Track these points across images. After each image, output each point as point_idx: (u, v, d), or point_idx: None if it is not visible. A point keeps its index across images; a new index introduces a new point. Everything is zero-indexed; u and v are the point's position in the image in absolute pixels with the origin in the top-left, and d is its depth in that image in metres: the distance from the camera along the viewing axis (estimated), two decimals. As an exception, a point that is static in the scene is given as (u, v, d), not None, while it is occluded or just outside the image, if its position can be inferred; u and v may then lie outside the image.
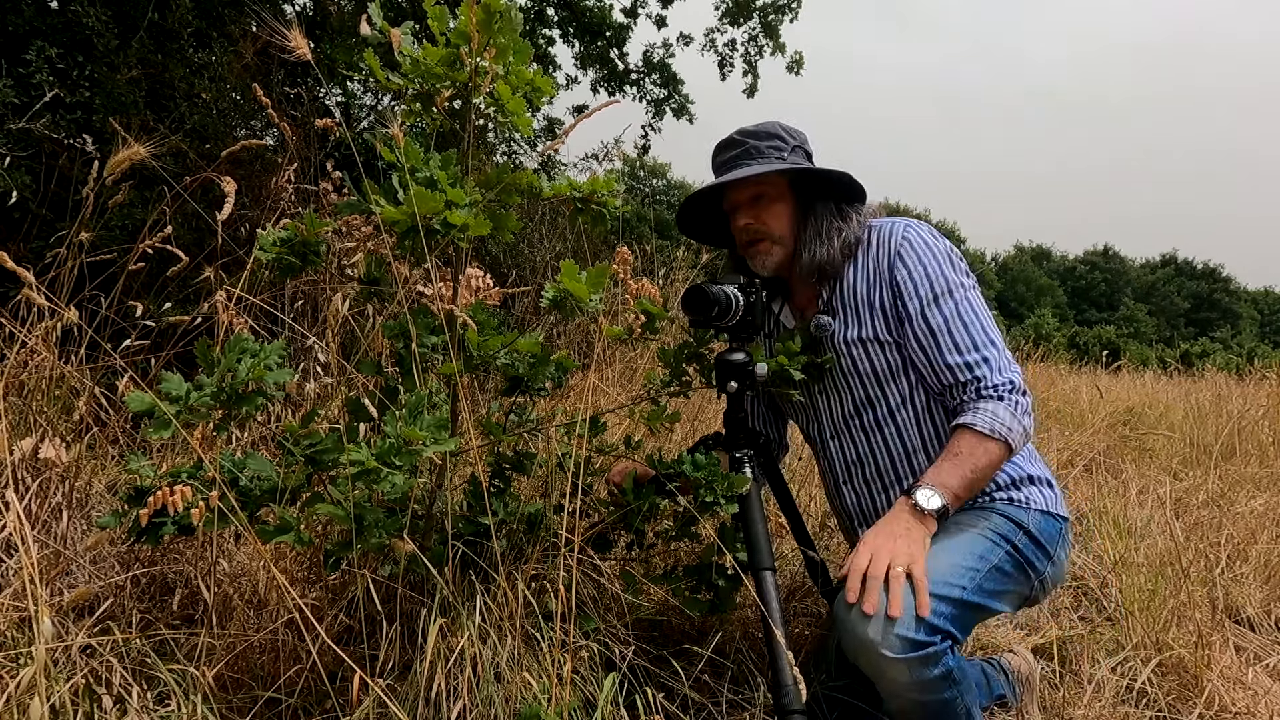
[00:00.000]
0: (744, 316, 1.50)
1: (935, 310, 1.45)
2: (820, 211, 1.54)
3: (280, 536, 1.19)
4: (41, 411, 1.70)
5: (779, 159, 1.53)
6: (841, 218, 1.54)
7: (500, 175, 1.28)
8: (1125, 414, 4.89)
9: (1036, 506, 1.45)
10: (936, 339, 1.45)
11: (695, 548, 1.73)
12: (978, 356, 1.42)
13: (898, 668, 1.23)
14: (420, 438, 1.15)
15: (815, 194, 1.56)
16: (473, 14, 1.18)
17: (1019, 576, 1.40)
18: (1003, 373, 1.41)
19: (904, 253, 1.49)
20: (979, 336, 1.44)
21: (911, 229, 1.52)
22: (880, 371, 1.52)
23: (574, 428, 1.52)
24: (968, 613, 1.32)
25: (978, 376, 1.41)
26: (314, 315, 2.50)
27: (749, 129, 1.57)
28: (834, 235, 1.52)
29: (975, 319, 1.45)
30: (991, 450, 1.37)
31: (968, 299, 1.46)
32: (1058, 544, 1.46)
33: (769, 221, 1.55)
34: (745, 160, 1.55)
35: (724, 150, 1.59)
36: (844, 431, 1.59)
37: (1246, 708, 1.71)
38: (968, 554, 1.35)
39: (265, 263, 1.30)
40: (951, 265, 1.48)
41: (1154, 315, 47.42)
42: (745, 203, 1.57)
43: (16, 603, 1.31)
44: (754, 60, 7.97)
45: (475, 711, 1.20)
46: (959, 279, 1.47)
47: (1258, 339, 37.03)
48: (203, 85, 3.59)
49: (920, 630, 1.24)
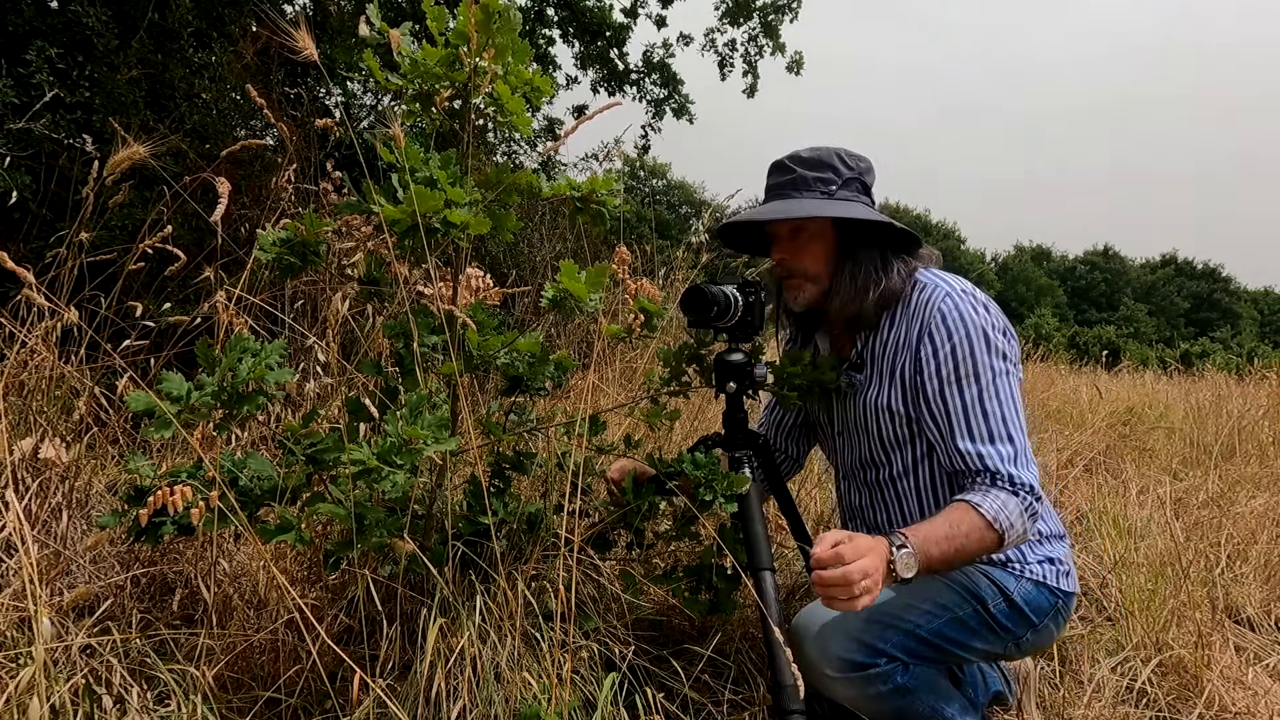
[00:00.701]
0: (743, 317, 1.50)
1: (955, 392, 1.36)
2: (861, 259, 1.44)
3: (281, 536, 1.19)
4: (41, 411, 1.70)
5: (825, 194, 1.44)
6: (883, 268, 1.43)
7: (500, 175, 1.28)
8: (1125, 414, 4.89)
9: (1031, 576, 1.41)
10: (952, 422, 1.36)
11: (695, 548, 1.73)
12: (993, 449, 1.33)
13: (840, 685, 1.30)
14: (421, 437, 1.15)
15: (860, 238, 1.46)
16: (471, 14, 1.18)
17: (986, 634, 1.39)
18: (1020, 471, 1.32)
19: (934, 327, 1.39)
20: (998, 428, 1.34)
21: (951, 299, 1.40)
22: (888, 438, 1.47)
23: (573, 427, 1.52)
24: (920, 645, 1.34)
25: (990, 468, 1.32)
26: (314, 315, 2.50)
27: (804, 155, 1.48)
28: (870, 287, 1.42)
29: (998, 409, 1.34)
30: (986, 540, 1.28)
31: (994, 385, 1.35)
32: (1047, 615, 1.42)
33: (804, 259, 1.48)
34: (790, 191, 1.46)
35: (774, 174, 1.51)
36: (854, 477, 1.59)
37: (1246, 708, 1.71)
38: (926, 599, 1.37)
39: (265, 263, 1.30)
40: (986, 346, 1.36)
41: (1154, 315, 47.41)
42: (784, 236, 1.50)
43: (16, 603, 1.31)
44: (754, 60, 7.98)
45: (475, 711, 1.20)
46: (990, 362, 1.36)
47: (1258, 339, 37.02)
48: (203, 85, 3.59)
49: (860, 651, 1.30)
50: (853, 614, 1.28)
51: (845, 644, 1.29)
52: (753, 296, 1.51)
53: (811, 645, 1.31)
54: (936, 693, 1.38)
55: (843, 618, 1.31)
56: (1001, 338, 1.39)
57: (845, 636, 1.30)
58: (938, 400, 1.38)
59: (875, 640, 1.30)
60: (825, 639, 1.30)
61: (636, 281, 1.45)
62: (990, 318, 1.40)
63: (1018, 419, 1.36)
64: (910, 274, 1.46)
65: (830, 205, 1.43)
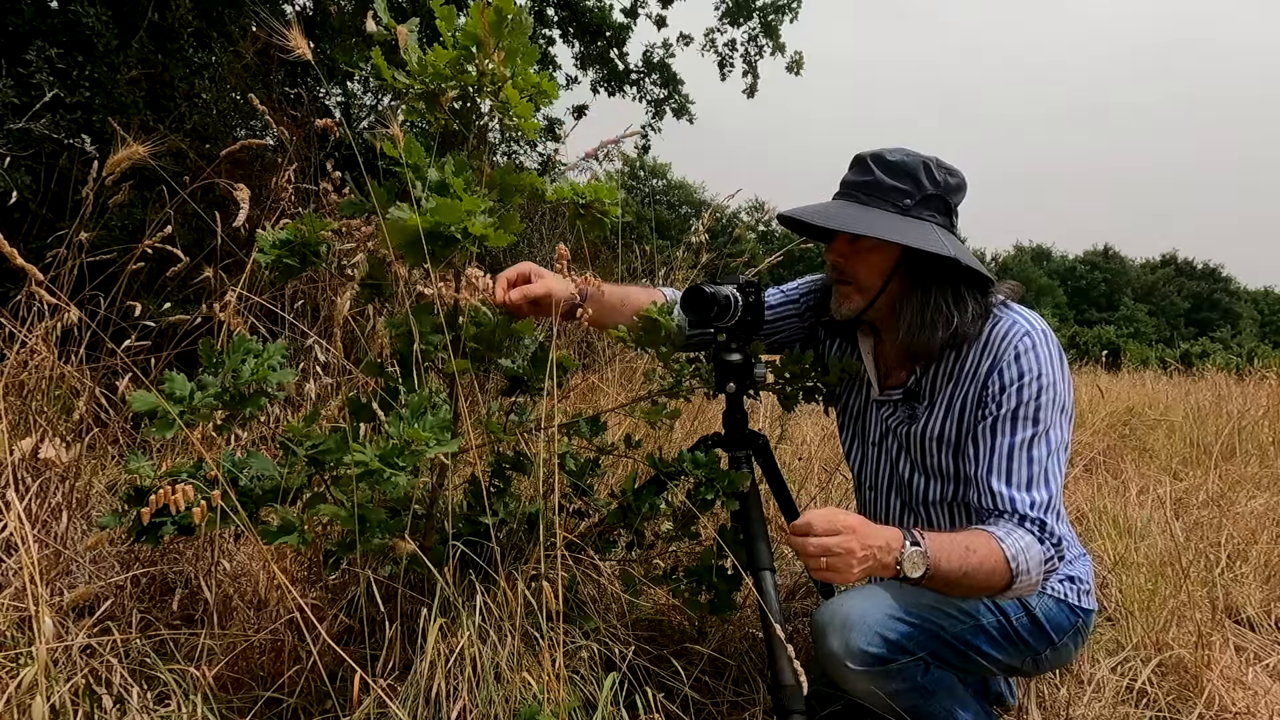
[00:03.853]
0: (743, 317, 1.50)
1: (1006, 430, 1.30)
2: (933, 292, 1.34)
3: (283, 538, 1.19)
4: (41, 411, 1.69)
5: (898, 208, 1.34)
6: (956, 305, 1.34)
7: (504, 177, 1.28)
8: (1125, 414, 4.89)
9: (1052, 594, 1.40)
10: (993, 460, 1.30)
11: (695, 548, 1.73)
12: (1027, 495, 1.27)
13: (860, 679, 1.28)
14: (423, 438, 1.15)
15: (933, 268, 1.35)
16: (484, 16, 1.17)
17: (1007, 646, 1.38)
18: (1050, 519, 1.27)
19: (1007, 364, 1.32)
20: (1038, 476, 1.28)
21: (1031, 338, 1.33)
22: (933, 465, 1.44)
23: (573, 427, 1.52)
24: (943, 648, 1.33)
25: (1019, 511, 1.27)
26: (314, 315, 2.50)
27: (888, 158, 1.36)
28: (939, 324, 1.34)
29: (1043, 463, 1.28)
30: (996, 576, 1.22)
31: (1047, 437, 1.30)
32: (1066, 634, 1.40)
33: (858, 267, 1.40)
34: (860, 195, 1.37)
35: (852, 170, 1.41)
36: (882, 491, 1.55)
37: (1246, 708, 1.71)
38: (953, 604, 1.35)
39: (265, 264, 1.30)
40: (1053, 396, 1.30)
41: (1154, 315, 47.44)
42: (844, 238, 1.41)
43: (16, 603, 1.31)
44: (754, 60, 7.98)
45: (475, 711, 1.20)
46: (1051, 415, 1.30)
47: (1258, 339, 37.03)
48: (203, 85, 3.59)
49: (883, 646, 1.28)
50: (878, 609, 1.30)
51: (869, 637, 1.27)
52: (753, 296, 1.51)
53: (834, 637, 1.28)
54: (954, 697, 1.37)
55: (867, 612, 1.30)
56: (1068, 390, 1.34)
57: (869, 630, 1.28)
58: (986, 434, 1.32)
59: (899, 637, 1.29)
60: (849, 631, 1.28)
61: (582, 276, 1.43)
62: (1064, 368, 1.34)
63: (1059, 474, 1.30)
64: (985, 314, 1.36)
65: (897, 226, 1.32)
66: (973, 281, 1.36)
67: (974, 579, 1.22)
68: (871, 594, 1.35)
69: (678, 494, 1.50)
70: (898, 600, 1.33)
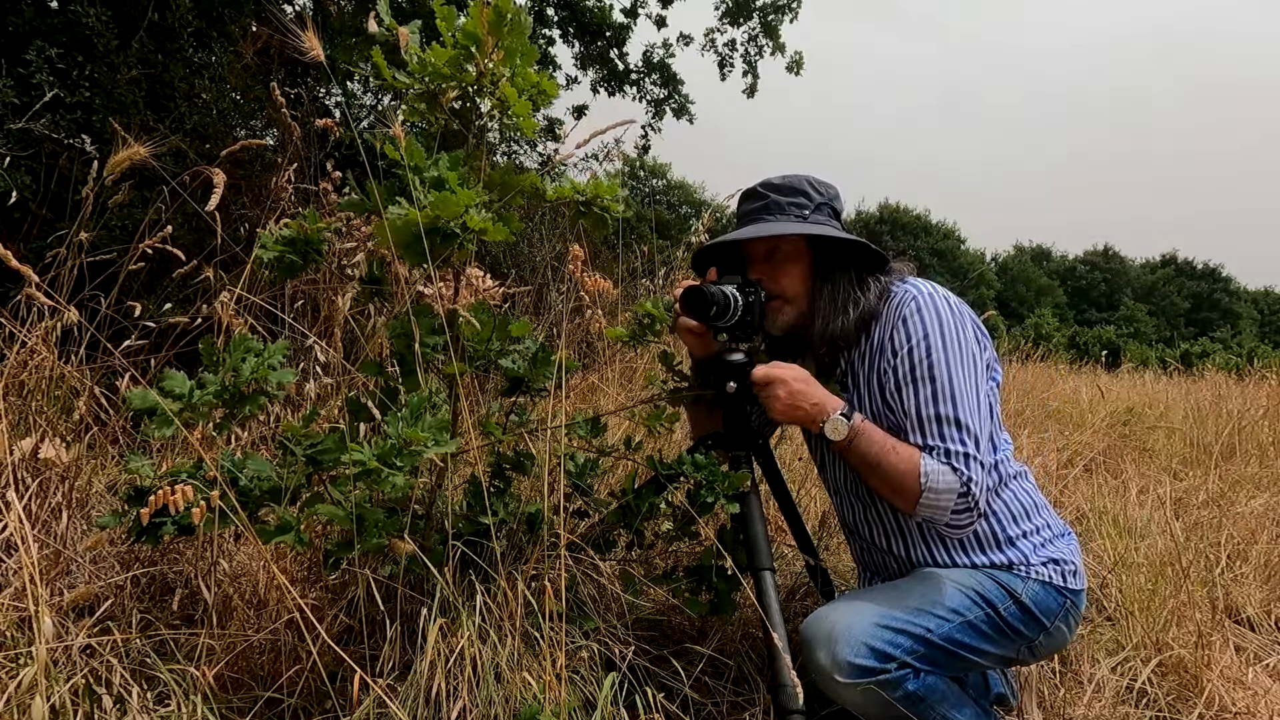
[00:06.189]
0: (743, 316, 1.50)
1: (910, 392, 1.38)
2: (839, 280, 1.48)
3: (280, 537, 1.19)
4: (41, 411, 1.70)
5: (799, 217, 1.49)
6: (860, 287, 1.47)
7: (504, 176, 1.28)
8: (1125, 414, 4.89)
9: (1037, 578, 1.42)
10: (906, 421, 1.39)
11: (695, 548, 1.73)
12: (943, 446, 1.35)
13: (850, 691, 1.29)
14: (422, 439, 1.15)
15: (835, 260, 1.49)
16: (484, 16, 1.17)
17: (998, 639, 1.39)
18: (968, 471, 1.33)
19: (898, 327, 1.42)
20: (950, 429, 1.35)
21: (919, 300, 1.43)
22: None
23: (573, 428, 1.52)
24: (933, 651, 1.34)
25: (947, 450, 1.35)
26: (314, 315, 2.50)
27: (774, 182, 1.52)
28: (850, 307, 1.46)
29: (951, 414, 1.35)
30: (906, 483, 1.33)
31: (951, 390, 1.36)
32: (1056, 616, 1.43)
33: (781, 280, 1.51)
34: (764, 215, 1.50)
35: (746, 201, 1.55)
36: (846, 493, 1.59)
37: (1246, 708, 1.71)
38: (939, 604, 1.37)
39: (265, 262, 1.30)
40: (944, 353, 1.38)
41: (1154, 315, 47.40)
42: (760, 258, 1.53)
43: (16, 603, 1.31)
44: (754, 60, 7.99)
45: (475, 711, 1.20)
46: (949, 368, 1.38)
47: (1258, 339, 37.04)
48: (203, 85, 3.59)
49: (870, 657, 1.29)
50: (863, 619, 1.31)
51: (855, 649, 1.28)
52: (752, 296, 1.51)
53: (821, 651, 1.30)
54: (949, 701, 1.37)
55: (853, 623, 1.30)
56: (963, 336, 1.41)
57: (855, 642, 1.29)
58: (895, 399, 1.41)
59: (886, 645, 1.29)
60: (835, 644, 1.29)
61: (592, 278, 1.44)
62: (955, 317, 1.42)
63: (974, 416, 1.36)
64: (885, 290, 1.48)
65: (808, 226, 1.47)
66: (871, 267, 1.50)
67: (886, 472, 1.35)
68: (857, 605, 1.36)
69: (678, 494, 1.50)
70: (884, 607, 1.34)
